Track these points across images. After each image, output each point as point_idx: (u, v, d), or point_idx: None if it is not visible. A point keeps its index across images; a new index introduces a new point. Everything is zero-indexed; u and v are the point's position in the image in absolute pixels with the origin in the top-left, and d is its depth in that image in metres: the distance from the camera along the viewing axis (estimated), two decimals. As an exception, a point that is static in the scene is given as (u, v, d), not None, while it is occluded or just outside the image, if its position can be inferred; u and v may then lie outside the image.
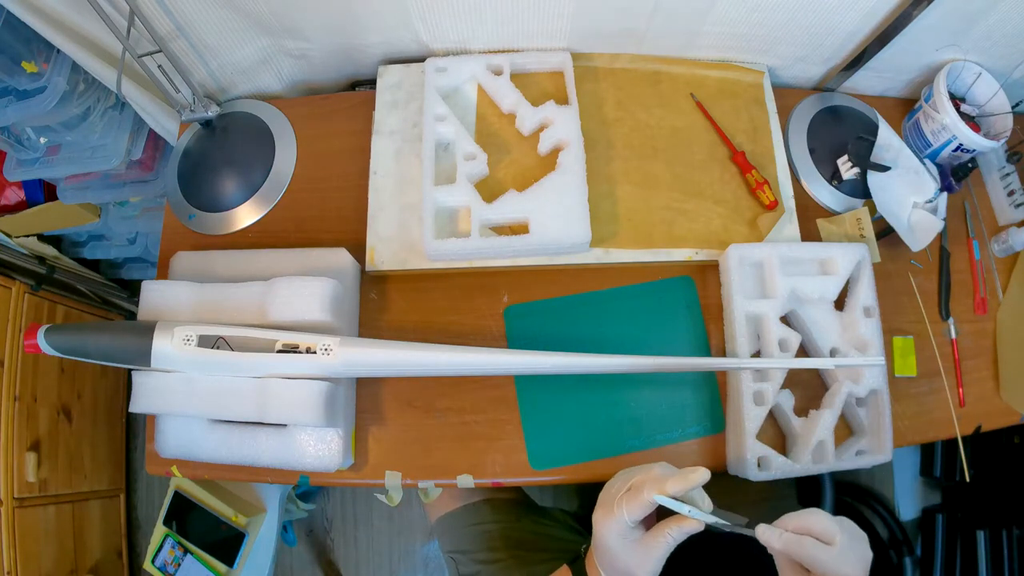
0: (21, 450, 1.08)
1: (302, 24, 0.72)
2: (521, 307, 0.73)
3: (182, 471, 0.70)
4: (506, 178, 0.73)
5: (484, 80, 0.76)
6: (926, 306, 0.75)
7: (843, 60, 0.77)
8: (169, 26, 0.69)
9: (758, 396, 0.66)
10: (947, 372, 0.73)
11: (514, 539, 0.81)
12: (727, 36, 0.75)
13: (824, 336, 0.69)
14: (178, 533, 1.02)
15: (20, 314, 1.11)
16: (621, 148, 0.75)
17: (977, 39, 0.72)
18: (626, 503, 0.49)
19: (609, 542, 0.49)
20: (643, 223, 0.72)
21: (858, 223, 0.75)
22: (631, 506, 0.48)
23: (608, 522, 0.49)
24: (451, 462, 0.68)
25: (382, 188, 0.74)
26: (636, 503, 0.48)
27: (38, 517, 1.11)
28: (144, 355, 0.60)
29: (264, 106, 0.83)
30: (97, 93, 0.87)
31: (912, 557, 1.15)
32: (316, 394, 0.60)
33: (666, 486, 0.47)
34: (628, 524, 0.48)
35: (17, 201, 1.08)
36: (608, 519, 0.50)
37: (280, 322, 0.62)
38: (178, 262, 0.71)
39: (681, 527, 0.47)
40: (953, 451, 1.15)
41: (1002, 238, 0.78)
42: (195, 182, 0.81)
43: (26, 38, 0.77)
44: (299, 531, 1.45)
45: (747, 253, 0.69)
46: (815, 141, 0.80)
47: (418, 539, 1.44)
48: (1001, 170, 0.81)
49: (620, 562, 0.49)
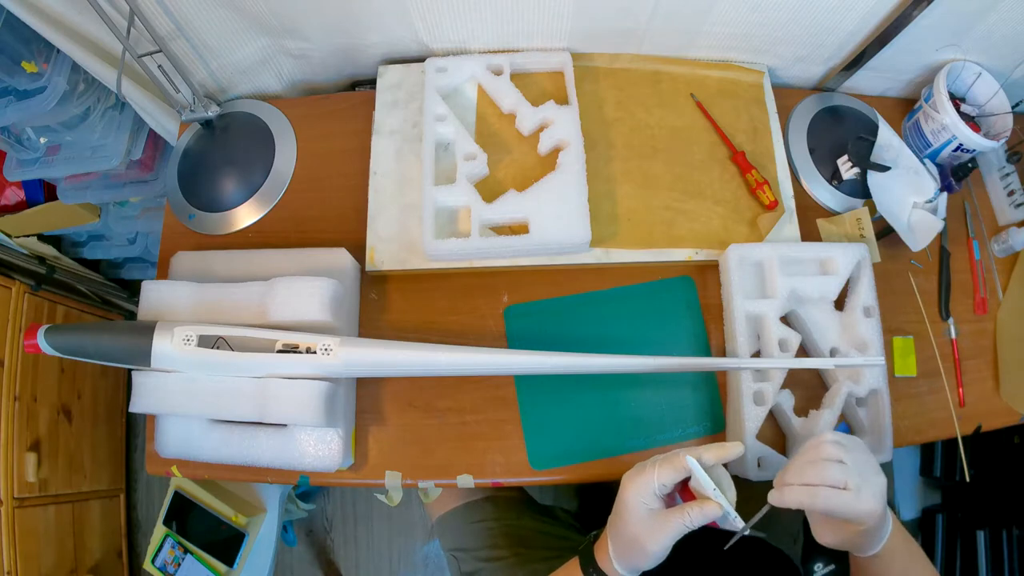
0: (21, 450, 1.08)
1: (302, 24, 0.72)
2: (521, 307, 0.73)
3: (182, 471, 0.70)
4: (506, 178, 0.73)
5: (484, 80, 0.76)
6: (926, 306, 0.75)
7: (843, 60, 0.77)
8: (169, 26, 0.69)
9: (758, 396, 0.66)
10: (947, 372, 0.73)
11: (516, 537, 0.81)
12: (727, 36, 0.75)
13: (824, 336, 0.69)
14: (178, 533, 1.02)
15: (20, 314, 1.11)
16: (621, 148, 0.75)
17: (977, 39, 0.72)
18: (659, 465, 0.49)
19: (630, 503, 0.49)
20: (643, 223, 0.72)
21: (858, 223, 0.75)
22: (663, 469, 0.49)
23: (637, 481, 0.49)
24: (451, 462, 0.68)
25: (382, 188, 0.74)
26: (669, 466, 0.49)
27: (38, 517, 1.10)
28: (144, 355, 0.60)
29: (264, 106, 0.83)
30: (97, 93, 0.87)
31: (912, 557, 1.15)
32: (316, 394, 0.60)
33: (702, 453, 0.49)
34: (655, 489, 0.49)
35: (17, 201, 1.08)
36: (638, 478, 0.50)
37: (280, 322, 0.62)
38: (178, 262, 0.71)
39: (702, 509, 0.47)
40: (953, 451, 1.15)
41: (1002, 238, 0.78)
42: (195, 182, 0.81)
43: (26, 38, 0.77)
44: (299, 531, 1.45)
45: (747, 253, 0.69)
46: (815, 141, 0.80)
47: (418, 539, 1.44)
48: (1001, 170, 0.81)
49: (633, 527, 0.49)
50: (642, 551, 0.48)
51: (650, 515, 0.48)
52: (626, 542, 0.50)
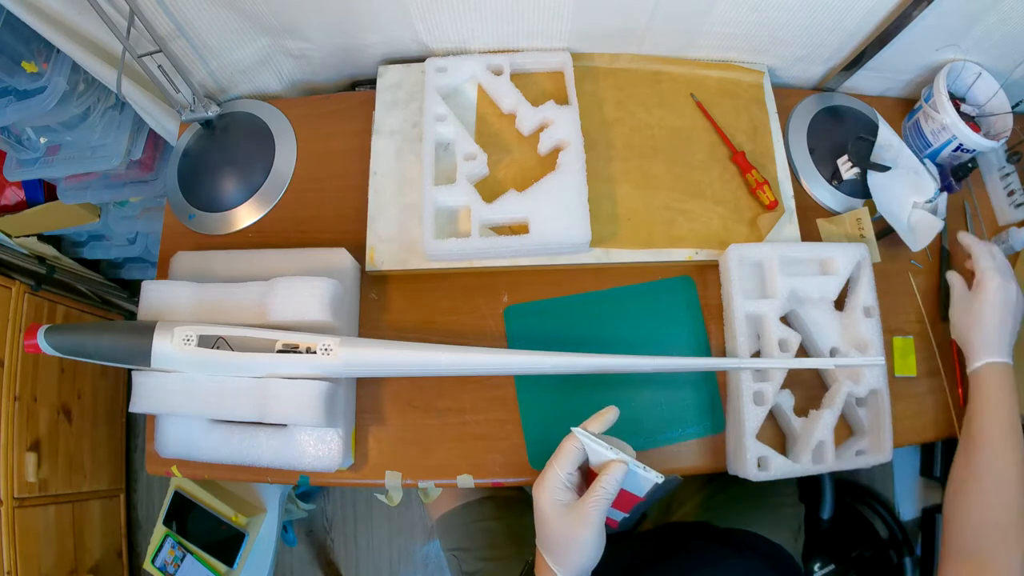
0: (21, 450, 1.08)
1: (302, 24, 0.72)
2: (521, 307, 0.73)
3: (182, 471, 0.70)
4: (506, 178, 0.73)
5: (484, 80, 0.76)
6: (926, 306, 0.75)
7: (843, 60, 0.77)
8: (169, 26, 0.69)
9: (758, 396, 0.66)
10: (947, 372, 0.73)
11: (517, 536, 0.81)
12: (727, 36, 0.75)
13: (824, 336, 0.69)
14: (178, 533, 1.02)
15: (20, 314, 1.11)
16: (621, 148, 0.75)
17: (977, 39, 0.72)
18: (555, 458, 0.49)
19: (545, 506, 0.48)
20: (643, 223, 0.72)
21: (858, 223, 0.75)
22: (559, 457, 0.49)
23: (543, 482, 0.49)
24: (451, 462, 0.68)
25: (382, 188, 0.74)
26: (562, 452, 0.49)
27: (38, 517, 1.11)
28: (144, 355, 0.60)
29: (264, 106, 0.83)
30: (97, 93, 0.87)
31: (912, 557, 1.15)
32: (316, 394, 0.60)
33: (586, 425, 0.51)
34: (563, 481, 0.48)
35: (17, 201, 1.08)
36: (542, 479, 0.50)
37: (280, 322, 0.62)
38: (178, 262, 0.71)
39: (611, 473, 0.47)
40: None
41: (1002, 238, 0.78)
42: (195, 182, 0.81)
43: (26, 38, 0.77)
44: (299, 531, 1.45)
45: (747, 253, 0.69)
46: (815, 141, 0.80)
47: (418, 539, 1.44)
48: (1001, 170, 0.81)
49: (558, 527, 0.48)
50: (576, 545, 0.47)
51: (568, 509, 0.48)
52: (559, 545, 0.48)
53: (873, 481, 1.28)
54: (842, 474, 1.26)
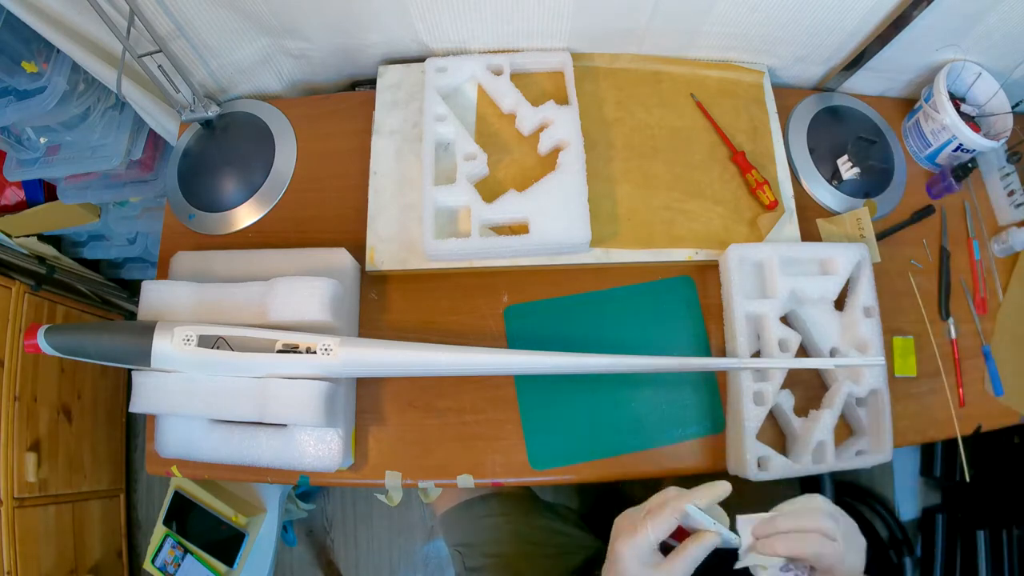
0: (21, 450, 1.08)
1: (302, 24, 0.72)
2: (521, 307, 0.73)
3: (182, 471, 0.70)
4: (506, 178, 0.73)
5: (484, 80, 0.76)
6: (926, 306, 0.75)
7: (843, 60, 0.77)
8: (169, 26, 0.69)
9: (758, 396, 0.66)
10: (947, 372, 0.73)
11: (524, 534, 0.80)
12: (727, 36, 0.75)
13: (824, 336, 0.69)
14: (178, 533, 1.02)
15: (20, 314, 1.11)
16: (621, 148, 0.75)
17: (977, 39, 0.72)
18: (651, 519, 0.47)
19: (630, 569, 0.47)
20: (643, 223, 0.72)
21: (858, 223, 0.75)
22: (656, 522, 0.47)
23: (630, 543, 0.47)
24: (451, 462, 0.68)
25: (382, 188, 0.74)
26: (661, 517, 0.47)
27: (38, 517, 1.10)
28: (144, 355, 0.60)
29: (264, 106, 0.83)
30: (97, 93, 0.87)
31: (912, 557, 1.15)
32: (316, 394, 0.60)
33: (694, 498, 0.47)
34: (652, 543, 0.47)
35: (17, 201, 1.08)
36: (630, 539, 0.47)
37: (280, 322, 0.62)
38: (178, 262, 0.71)
39: (702, 543, 0.46)
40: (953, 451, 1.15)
41: (1002, 238, 0.78)
42: (195, 182, 0.81)
43: (26, 38, 0.77)
44: (299, 531, 1.45)
45: (747, 253, 0.69)
46: (815, 141, 0.80)
47: (418, 539, 1.44)
48: (1001, 170, 0.81)
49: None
50: None
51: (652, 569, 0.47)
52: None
53: (873, 481, 1.28)
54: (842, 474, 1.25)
